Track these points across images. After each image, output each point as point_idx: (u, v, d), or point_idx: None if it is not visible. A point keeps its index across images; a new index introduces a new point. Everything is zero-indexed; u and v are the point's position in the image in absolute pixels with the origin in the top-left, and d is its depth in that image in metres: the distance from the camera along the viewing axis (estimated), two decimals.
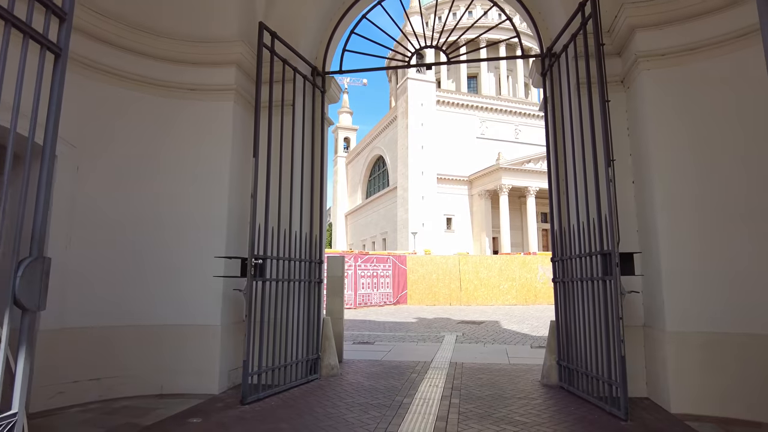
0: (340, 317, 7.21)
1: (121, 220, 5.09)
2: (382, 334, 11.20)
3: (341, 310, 7.23)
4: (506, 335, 11.11)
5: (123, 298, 5.00)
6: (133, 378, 4.95)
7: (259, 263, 4.73)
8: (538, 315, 16.29)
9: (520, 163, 51.49)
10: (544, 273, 22.16)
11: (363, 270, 19.51)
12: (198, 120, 5.53)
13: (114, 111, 5.20)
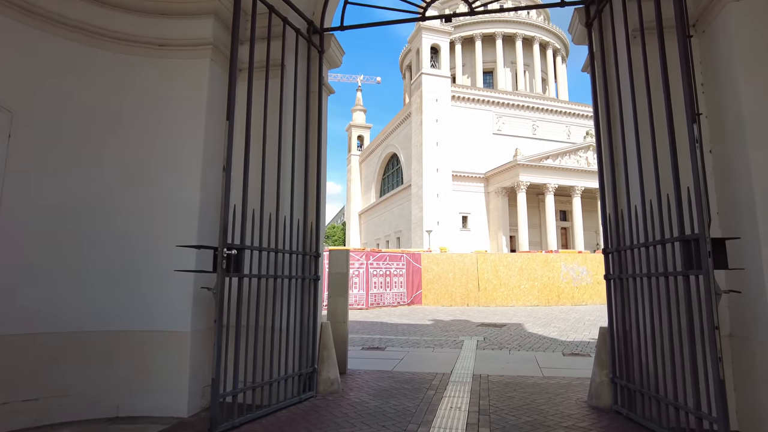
0: (344, 320, 6.19)
1: (64, 203, 4.12)
2: (395, 339, 10.15)
3: (345, 313, 6.21)
4: (532, 340, 9.98)
5: (67, 299, 4.03)
6: (80, 398, 3.98)
7: (233, 254, 3.72)
8: (564, 317, 15.09)
9: (539, 160, 49.94)
10: (568, 272, 20.90)
11: (375, 268, 18.49)
12: (168, 82, 4.55)
13: (63, 70, 4.24)
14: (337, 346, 5.94)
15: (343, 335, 6.09)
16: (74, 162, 4.19)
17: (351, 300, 17.74)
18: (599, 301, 20.87)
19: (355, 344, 9.32)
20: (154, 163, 4.39)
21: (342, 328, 6.10)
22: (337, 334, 6.03)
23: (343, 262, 6.26)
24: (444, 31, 55.57)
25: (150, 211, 4.30)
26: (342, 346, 6.06)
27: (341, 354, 5.98)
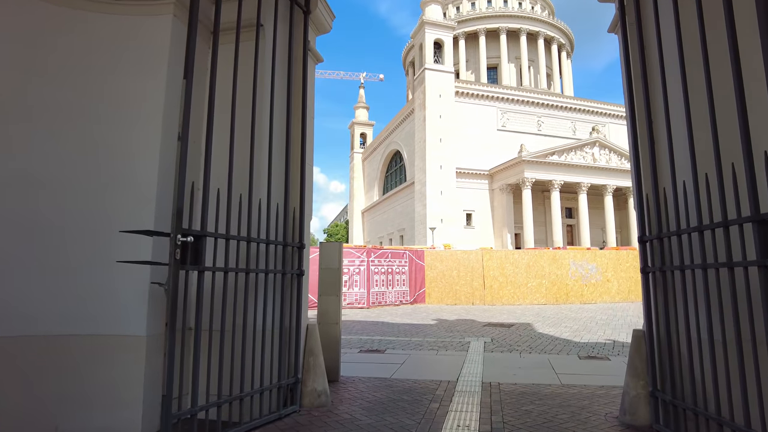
0: (336, 322, 5.49)
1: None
2: (396, 340, 9.45)
3: (338, 313, 5.50)
4: (544, 341, 9.25)
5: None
6: (10, 415, 3.29)
7: (189, 242, 3.01)
8: (574, 316, 14.34)
9: (544, 156, 49.10)
10: (577, 269, 20.13)
11: (377, 266, 17.79)
12: (124, 41, 3.85)
13: None
14: (328, 351, 5.25)
15: (334, 339, 5.39)
16: (6, 134, 3.50)
17: (352, 299, 17.06)
18: (608, 299, 20.13)
19: (352, 346, 8.63)
20: (104, 135, 3.69)
21: (334, 331, 5.40)
22: (329, 338, 5.33)
23: (335, 256, 5.55)
24: (447, 26, 54.80)
25: (97, 192, 3.60)
26: (333, 351, 5.36)
27: (332, 360, 5.29)
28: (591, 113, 60.43)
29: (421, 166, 51.56)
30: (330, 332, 5.38)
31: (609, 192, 51.67)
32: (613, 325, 11.92)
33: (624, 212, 56.51)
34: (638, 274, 21.00)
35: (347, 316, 14.25)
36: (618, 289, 20.43)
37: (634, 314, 14.76)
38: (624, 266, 20.69)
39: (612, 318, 13.59)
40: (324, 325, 5.42)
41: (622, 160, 52.40)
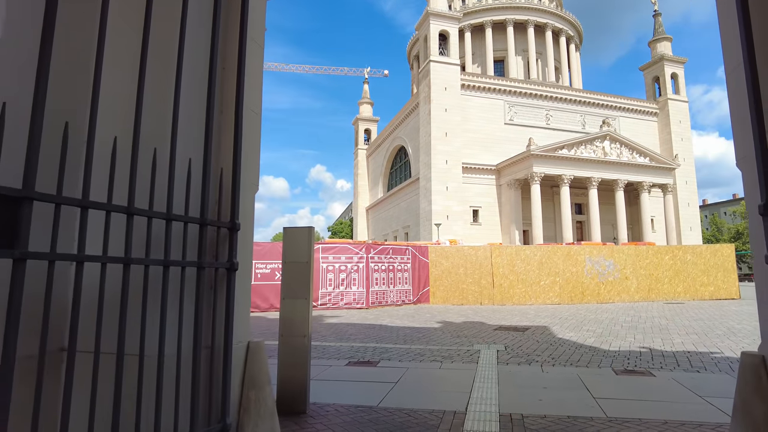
0: (304, 334, 4.13)
1: None
2: (393, 348, 8.09)
3: (305, 322, 4.15)
4: (567, 349, 7.86)
5: None
6: None
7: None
8: (594, 317, 12.93)
9: (553, 150, 47.50)
10: (593, 266, 18.71)
11: (377, 263, 16.44)
12: None
13: None
14: (292, 373, 3.92)
15: (301, 356, 4.04)
16: None
17: (349, 299, 15.74)
18: (627, 298, 18.70)
19: (341, 356, 7.29)
20: None
21: (300, 347, 4.05)
22: (293, 356, 4.00)
23: (303, 246, 4.19)
24: (453, 17, 53.28)
25: None
26: (299, 372, 4.02)
27: (297, 384, 3.95)
28: (601, 106, 58.73)
29: (426, 162, 50.10)
30: (295, 348, 4.04)
31: (620, 187, 50.03)
32: (641, 328, 10.50)
33: (635, 208, 54.86)
34: (659, 271, 19.58)
35: (343, 318, 12.92)
36: (637, 288, 18.98)
37: (659, 315, 13.33)
38: (643, 263, 19.23)
39: (637, 320, 12.17)
40: (287, 338, 4.08)
41: (633, 154, 50.76)
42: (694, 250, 19.73)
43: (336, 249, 16.02)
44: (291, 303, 4.16)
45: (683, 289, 19.27)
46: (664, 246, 20.70)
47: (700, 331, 9.85)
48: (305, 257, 4.19)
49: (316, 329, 10.66)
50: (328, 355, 7.38)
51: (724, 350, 7.51)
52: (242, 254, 3.03)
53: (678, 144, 59.09)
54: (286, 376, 4.08)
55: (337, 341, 8.82)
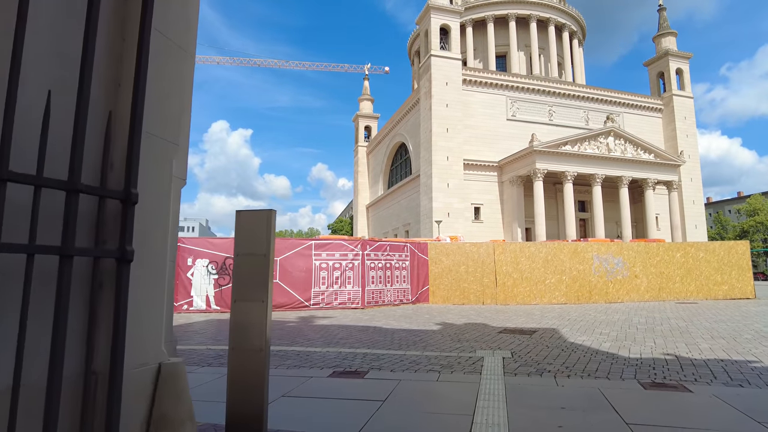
0: (261, 347, 3.25)
1: None
2: (386, 355, 7.20)
3: (262, 331, 3.26)
4: (582, 356, 6.97)
5: None
6: None
7: None
8: (605, 318, 12.04)
9: (556, 146, 46.52)
10: (601, 264, 17.81)
11: (373, 260, 15.55)
12: None
13: None
14: (245, 399, 3.04)
15: (256, 377, 3.16)
16: None
17: (344, 298, 14.87)
18: (637, 297, 17.80)
19: (325, 365, 6.41)
20: None
21: (255, 363, 3.18)
22: (246, 376, 3.13)
23: (261, 234, 3.31)
24: (454, 10, 52.29)
25: None
26: (254, 398, 3.14)
27: (251, 413, 3.07)
28: (604, 102, 57.73)
29: (426, 158, 49.17)
30: (249, 365, 3.16)
31: (624, 184, 49.07)
32: (659, 331, 9.60)
33: (639, 205, 53.92)
34: (670, 269, 18.63)
35: (335, 320, 12.04)
36: (647, 286, 18.08)
37: (675, 316, 12.43)
38: (653, 260, 18.32)
39: (652, 321, 11.27)
40: (239, 352, 3.20)
41: (638, 150, 49.78)
42: (706, 247, 18.82)
43: (330, 246, 15.14)
44: (244, 307, 3.28)
45: (695, 288, 18.36)
46: (676, 243, 19.81)
47: (725, 334, 8.95)
48: (263, 248, 3.30)
49: (303, 332, 9.77)
50: (310, 363, 6.50)
51: (762, 358, 6.61)
52: (151, 240, 2.14)
53: (683, 140, 58.09)
54: (237, 400, 3.20)
55: (323, 346, 7.94)
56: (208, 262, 14.18)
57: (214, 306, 14.04)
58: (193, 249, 14.19)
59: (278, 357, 6.99)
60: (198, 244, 14.37)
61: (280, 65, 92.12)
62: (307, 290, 14.57)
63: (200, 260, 14.14)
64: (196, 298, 14.03)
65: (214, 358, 6.90)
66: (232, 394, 3.23)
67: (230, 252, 14.35)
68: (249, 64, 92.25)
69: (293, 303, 14.34)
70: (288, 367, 6.32)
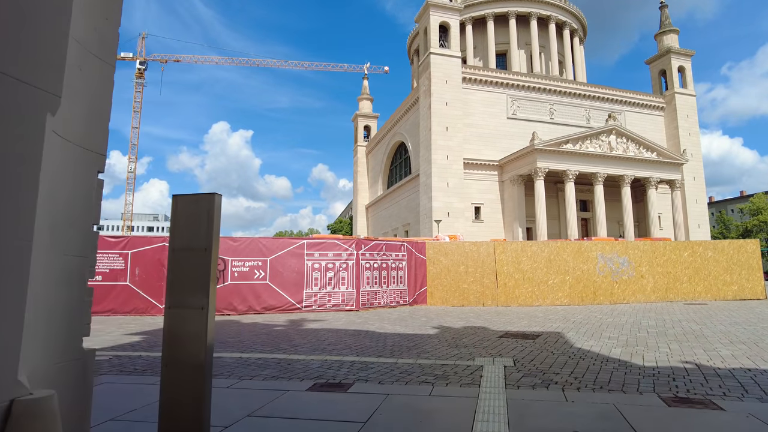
0: (200, 363, 2.59)
1: None
2: (376, 363, 6.54)
3: (201, 344, 2.60)
4: (590, 364, 6.31)
5: None
6: None
7: None
8: (612, 321, 11.38)
9: (557, 144, 45.81)
10: (606, 263, 17.13)
11: (368, 260, 14.89)
12: None
13: None
14: (183, 428, 2.38)
15: (192, 400, 2.50)
16: None
17: (338, 299, 14.21)
18: (643, 298, 17.12)
19: (307, 375, 5.76)
20: None
21: (191, 386, 2.51)
22: (181, 399, 2.46)
23: (202, 224, 2.65)
24: (454, 8, 51.62)
25: None
26: (194, 428, 2.48)
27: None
28: (606, 101, 57.02)
29: (426, 157, 48.48)
30: (185, 385, 2.50)
31: (627, 183, 48.35)
32: (672, 335, 8.94)
33: (641, 205, 53.24)
34: (677, 269, 17.89)
35: (326, 323, 11.38)
36: (654, 287, 17.40)
37: (685, 318, 11.77)
38: (660, 260, 17.64)
39: (662, 324, 10.61)
40: (173, 370, 2.54)
41: (640, 149, 49.06)
42: (715, 246, 18.14)
43: (323, 245, 14.48)
44: (180, 314, 2.62)
45: (704, 288, 17.68)
46: (683, 241, 19.14)
47: (745, 339, 8.28)
48: (205, 241, 2.65)
49: (289, 337, 9.11)
50: (290, 374, 5.85)
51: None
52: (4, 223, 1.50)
53: (685, 139, 57.39)
54: (171, 429, 2.53)
55: (308, 353, 7.28)
56: None
57: None
58: None
59: (256, 366, 6.34)
60: None
61: (279, 65, 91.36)
62: (298, 292, 13.91)
63: None
64: None
65: None
66: (166, 422, 2.57)
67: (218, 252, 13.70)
68: (248, 64, 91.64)
69: (284, 305, 13.68)
70: (264, 378, 5.67)
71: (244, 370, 6.09)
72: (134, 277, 13.26)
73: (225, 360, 6.77)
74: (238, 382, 5.44)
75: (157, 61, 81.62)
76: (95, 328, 10.22)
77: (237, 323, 11.41)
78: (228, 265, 13.58)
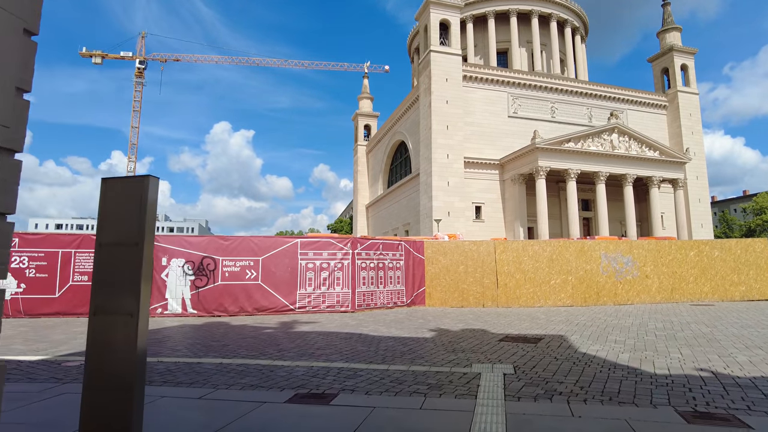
0: (128, 386, 2.10)
1: None
2: (365, 370, 6.06)
3: (132, 355, 2.12)
4: (596, 371, 5.83)
5: None
6: None
7: None
8: (617, 323, 10.89)
9: (559, 143, 45.27)
10: (609, 263, 16.63)
11: (364, 260, 14.41)
12: None
13: None
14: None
15: (119, 424, 2.02)
16: None
17: (332, 301, 13.73)
18: (648, 299, 16.61)
19: (288, 385, 5.29)
20: None
21: (119, 407, 2.04)
22: (108, 423, 1.98)
23: (133, 213, 2.17)
24: (454, 5, 51.09)
25: None
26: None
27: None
28: (608, 99, 56.46)
29: (426, 156, 47.98)
30: (111, 407, 2.03)
31: (629, 182, 47.77)
32: (682, 338, 8.45)
33: (644, 204, 52.65)
34: (683, 268, 17.30)
35: (318, 325, 10.91)
36: (659, 287, 16.89)
37: (694, 320, 11.28)
38: (665, 259, 17.13)
39: (670, 326, 10.12)
40: (97, 390, 2.07)
41: (642, 147, 48.50)
42: (722, 245, 17.63)
43: (317, 244, 14.01)
44: (106, 322, 2.15)
45: (710, 288, 17.17)
46: (689, 240, 18.62)
47: (761, 343, 7.78)
48: (136, 235, 2.16)
49: (277, 341, 8.64)
50: (271, 382, 5.38)
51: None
52: None
53: (688, 138, 56.81)
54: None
55: (295, 359, 6.81)
56: (184, 262, 13.05)
57: (191, 309, 12.91)
58: (168, 248, 13.07)
59: (235, 374, 5.86)
60: (173, 242, 13.24)
61: (279, 64, 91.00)
62: (292, 293, 13.44)
63: (175, 260, 13.02)
64: (171, 301, 12.90)
65: (162, 374, 5.77)
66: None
67: (208, 251, 13.25)
68: (248, 64, 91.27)
69: (277, 307, 13.21)
70: (242, 387, 5.20)
71: (222, 378, 5.62)
72: None
73: (204, 366, 6.30)
74: (212, 392, 4.97)
75: (157, 60, 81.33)
76: (78, 331, 9.77)
77: (225, 325, 10.94)
78: (218, 265, 13.12)
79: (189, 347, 7.95)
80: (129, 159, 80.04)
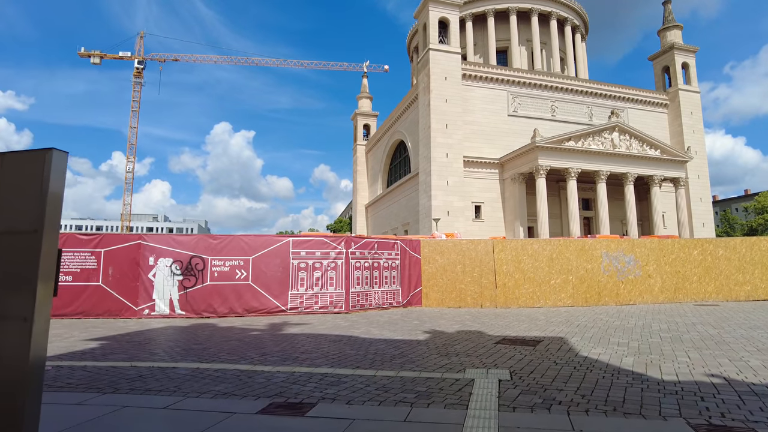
0: (18, 407, 1.68)
1: None
2: (350, 377, 5.64)
3: (23, 371, 1.70)
4: (599, 377, 5.41)
5: None
6: None
7: None
8: (620, 324, 10.47)
9: (559, 142, 44.82)
10: (611, 262, 16.20)
11: (358, 259, 13.99)
12: None
13: None
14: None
15: None
16: None
17: (325, 302, 13.31)
18: (650, 299, 16.17)
19: (267, 391, 4.88)
20: None
21: (6, 427, 1.61)
22: None
23: (30, 194, 1.76)
24: (453, 3, 50.67)
25: None
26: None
27: None
28: (608, 98, 56.02)
29: (425, 155, 47.55)
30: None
31: (630, 181, 47.31)
32: (689, 340, 8.03)
33: (645, 204, 52.17)
34: (687, 268, 16.74)
35: (308, 327, 10.49)
36: (662, 287, 16.45)
37: (699, 320, 10.85)
38: (668, 258, 16.70)
39: (675, 328, 9.69)
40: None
41: (643, 146, 48.04)
42: (726, 244, 17.20)
43: (309, 243, 13.59)
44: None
45: (714, 288, 16.74)
46: (692, 239, 18.16)
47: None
48: (33, 221, 1.75)
49: (262, 344, 8.22)
50: (246, 390, 4.96)
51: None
52: None
53: (690, 136, 56.35)
54: None
55: (277, 363, 6.39)
56: (171, 262, 12.64)
57: (179, 311, 12.50)
58: (156, 247, 12.66)
59: (211, 380, 5.45)
60: (160, 241, 12.83)
61: (279, 64, 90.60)
62: (283, 293, 13.02)
63: (163, 259, 12.61)
64: (159, 302, 12.49)
65: (132, 380, 5.35)
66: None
67: (197, 250, 12.83)
68: (248, 64, 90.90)
69: (268, 308, 12.79)
70: (214, 395, 4.79)
71: (195, 385, 5.21)
72: (107, 278, 12.39)
73: (178, 372, 5.88)
74: (180, 401, 4.56)
75: (156, 60, 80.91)
76: (56, 333, 9.35)
77: (212, 327, 10.52)
78: (207, 265, 12.71)
79: (168, 350, 7.54)
80: (128, 159, 79.64)
